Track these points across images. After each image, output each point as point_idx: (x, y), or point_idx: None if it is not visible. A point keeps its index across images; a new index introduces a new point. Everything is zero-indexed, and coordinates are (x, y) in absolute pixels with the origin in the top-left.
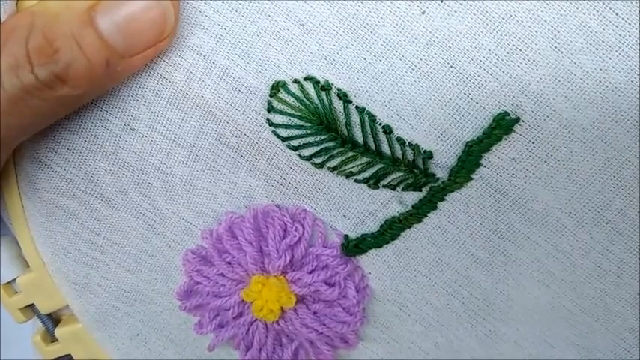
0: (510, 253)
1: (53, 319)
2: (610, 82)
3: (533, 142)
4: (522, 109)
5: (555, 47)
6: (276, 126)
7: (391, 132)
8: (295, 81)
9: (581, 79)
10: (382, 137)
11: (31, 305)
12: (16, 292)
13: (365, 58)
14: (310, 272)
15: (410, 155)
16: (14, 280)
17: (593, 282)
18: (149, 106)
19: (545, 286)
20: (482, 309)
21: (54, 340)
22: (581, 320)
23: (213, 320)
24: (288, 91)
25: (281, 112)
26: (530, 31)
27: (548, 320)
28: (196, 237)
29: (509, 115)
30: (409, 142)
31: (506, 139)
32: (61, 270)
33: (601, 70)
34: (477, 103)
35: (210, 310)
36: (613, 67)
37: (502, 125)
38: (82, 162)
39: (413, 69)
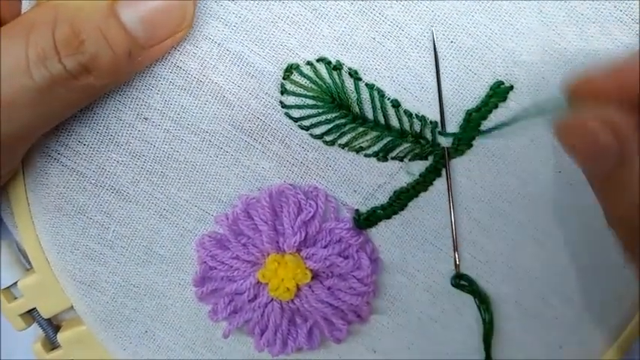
0: (508, 214)
1: (53, 326)
2: (589, 50)
3: (526, 108)
4: (515, 78)
5: (542, 21)
6: (289, 107)
7: (399, 105)
8: (308, 63)
9: (564, 48)
10: (391, 111)
11: (31, 311)
12: (16, 298)
13: (374, 38)
14: (324, 247)
15: (417, 126)
16: (13, 285)
17: (586, 238)
18: (163, 95)
19: (541, 244)
20: (485, 271)
21: (54, 347)
22: (575, 276)
23: (228, 306)
24: (301, 73)
25: (294, 94)
26: (520, 7)
27: (545, 277)
28: (209, 224)
29: (503, 83)
30: (416, 114)
31: (502, 106)
32: (67, 269)
33: (581, 39)
34: (475, 74)
35: (225, 296)
36: (591, 36)
37: (498, 93)
38: (93, 154)
39: (417, 45)
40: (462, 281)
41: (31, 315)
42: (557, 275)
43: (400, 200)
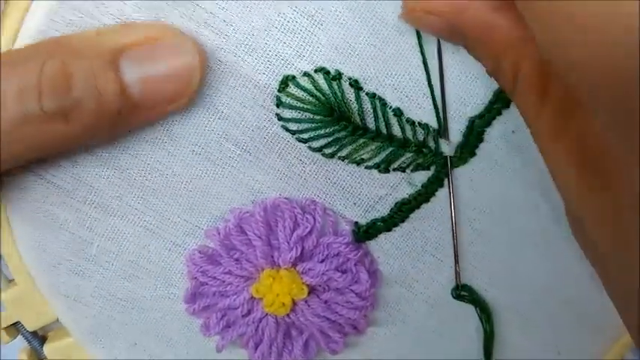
0: (511, 223)
1: (39, 337)
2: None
3: None
4: None
5: None
6: (286, 120)
7: (401, 114)
8: (305, 74)
9: None
10: (393, 120)
11: (17, 323)
12: None
13: (374, 45)
14: (321, 261)
15: (420, 135)
16: None
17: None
18: None
19: (542, 251)
20: (486, 281)
21: (42, 358)
22: (575, 282)
23: (220, 321)
24: (298, 85)
25: (290, 107)
26: None
27: (546, 285)
28: (199, 237)
29: None
30: (418, 122)
31: (505, 113)
32: (50, 283)
33: None
34: (478, 79)
35: (217, 311)
36: None
37: (502, 98)
38: (75, 168)
39: (419, 51)
40: (462, 292)
41: (16, 327)
42: (558, 282)
43: (401, 212)
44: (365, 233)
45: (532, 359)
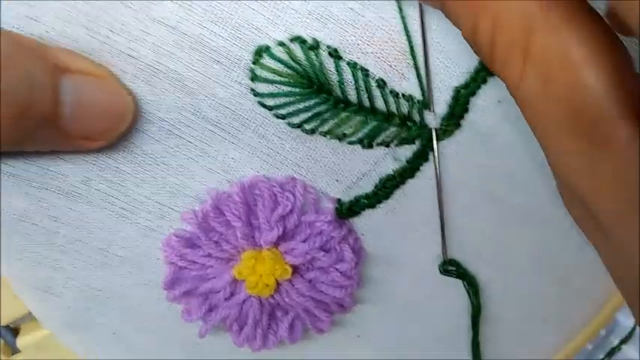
0: (497, 196)
1: (12, 330)
2: None
3: None
4: None
5: None
6: (262, 95)
7: (385, 85)
8: (280, 44)
9: None
10: (376, 92)
11: None
12: None
13: (352, 9)
14: (304, 241)
15: (404, 107)
16: None
17: None
18: None
19: (529, 224)
20: (472, 255)
21: (16, 351)
22: (562, 255)
23: (202, 305)
24: (272, 56)
25: (266, 80)
26: None
27: (532, 257)
28: (174, 220)
29: None
30: (402, 94)
31: (491, 82)
32: (18, 275)
33: None
34: (462, 45)
35: (198, 296)
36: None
37: (487, 67)
38: (34, 155)
39: (402, 15)
40: (449, 267)
41: None
42: (545, 253)
43: (386, 188)
44: (348, 210)
45: (517, 329)
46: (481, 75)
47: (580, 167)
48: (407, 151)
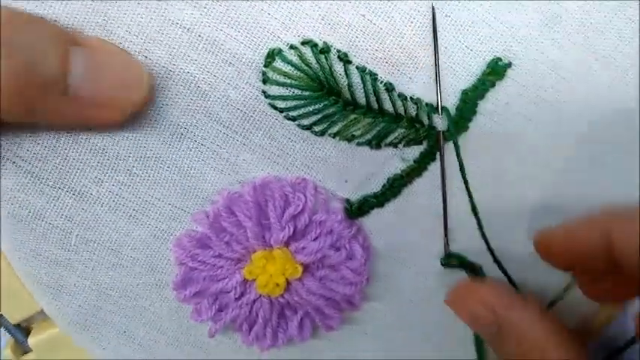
0: (503, 195)
1: (23, 329)
2: (590, 23)
3: (524, 85)
4: (513, 54)
5: None
6: (273, 98)
7: (393, 89)
8: (292, 47)
9: (566, 20)
10: (384, 95)
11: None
12: None
13: (363, 15)
14: (315, 239)
15: (412, 110)
16: None
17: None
18: None
19: (535, 221)
20: (478, 252)
21: (27, 351)
22: None
23: (212, 305)
24: (284, 59)
25: (278, 83)
26: None
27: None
28: (185, 222)
29: (501, 60)
30: (410, 97)
31: (499, 85)
32: (32, 274)
33: (583, 12)
34: (472, 50)
35: (209, 296)
36: (594, 8)
37: (495, 71)
38: (49, 153)
39: (411, 22)
40: (451, 260)
41: None
42: None
43: (393, 187)
44: (358, 210)
45: None
46: (490, 79)
47: None
48: (414, 152)
